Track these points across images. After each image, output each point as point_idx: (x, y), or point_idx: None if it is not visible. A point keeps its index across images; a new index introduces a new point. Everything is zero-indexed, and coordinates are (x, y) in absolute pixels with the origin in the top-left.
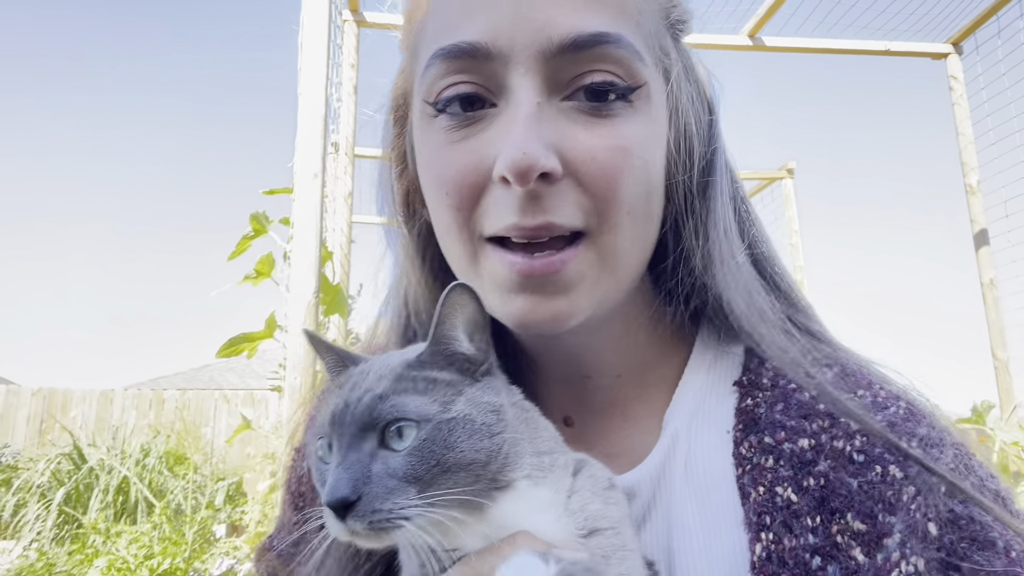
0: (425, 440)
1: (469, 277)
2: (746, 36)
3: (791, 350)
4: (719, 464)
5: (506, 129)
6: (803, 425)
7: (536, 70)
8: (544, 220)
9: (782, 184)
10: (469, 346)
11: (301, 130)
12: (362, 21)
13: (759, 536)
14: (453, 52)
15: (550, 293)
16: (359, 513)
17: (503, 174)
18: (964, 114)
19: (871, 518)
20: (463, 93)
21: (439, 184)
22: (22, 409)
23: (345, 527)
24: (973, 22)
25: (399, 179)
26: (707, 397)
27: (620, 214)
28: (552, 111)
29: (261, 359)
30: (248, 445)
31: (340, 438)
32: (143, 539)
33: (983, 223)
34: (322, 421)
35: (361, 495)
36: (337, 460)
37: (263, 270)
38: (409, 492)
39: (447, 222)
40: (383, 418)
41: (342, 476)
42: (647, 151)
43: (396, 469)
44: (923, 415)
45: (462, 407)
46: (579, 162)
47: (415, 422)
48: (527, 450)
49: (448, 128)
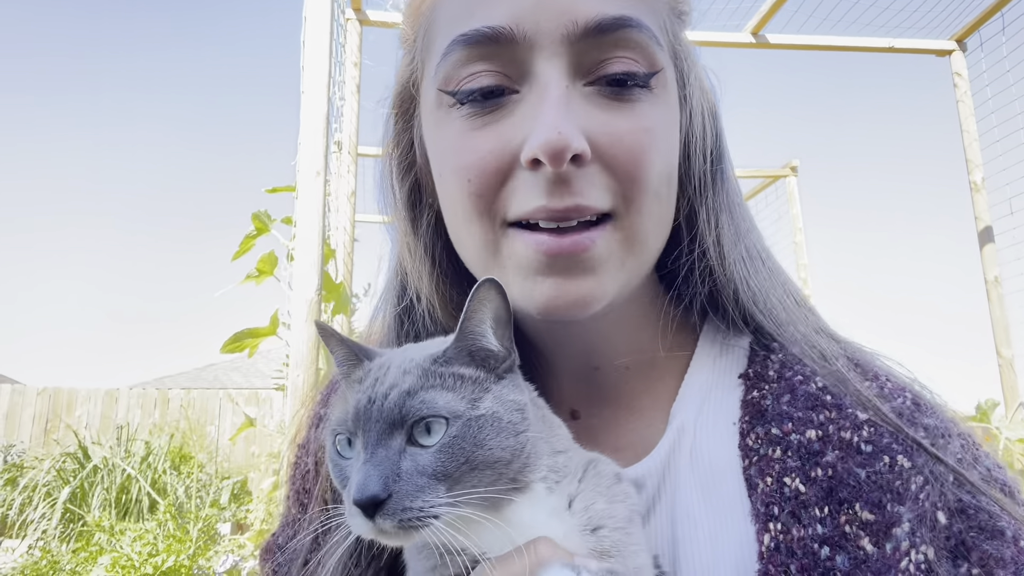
0: (455, 437)
1: (487, 266)
2: (749, 33)
3: (807, 334)
4: (725, 456)
5: (534, 112)
6: (810, 416)
7: (562, 53)
8: (573, 202)
9: (786, 182)
10: (495, 342)
11: (303, 128)
12: (365, 19)
13: (767, 526)
14: (475, 38)
15: (576, 275)
16: (389, 511)
17: (535, 155)
18: (968, 111)
19: (879, 508)
20: (486, 86)
21: (460, 171)
22: (28, 408)
23: (373, 525)
24: (977, 19)
25: (403, 174)
26: (713, 390)
27: (647, 196)
28: (577, 95)
29: (266, 358)
30: (253, 444)
31: (366, 434)
32: (147, 537)
33: (987, 220)
34: (342, 417)
35: (391, 493)
36: (364, 457)
37: (265, 269)
38: (439, 490)
39: (467, 209)
40: (413, 414)
41: (371, 473)
42: (667, 135)
43: (426, 466)
44: (929, 406)
45: (490, 404)
46: (606, 145)
47: (445, 419)
48: (545, 449)
49: (469, 116)
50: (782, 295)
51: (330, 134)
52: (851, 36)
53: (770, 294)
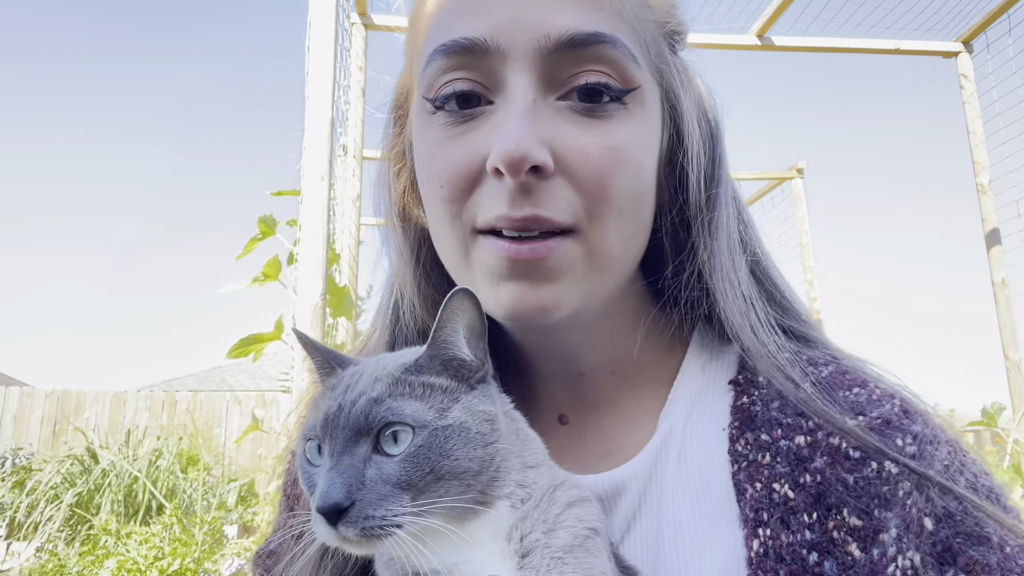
0: (421, 447)
1: (461, 271)
2: (755, 36)
3: (779, 359)
4: (714, 461)
5: (501, 123)
6: (799, 422)
7: (532, 67)
8: (532, 212)
9: (792, 184)
10: (468, 352)
11: (308, 133)
12: (370, 24)
13: (756, 532)
14: (452, 48)
15: (537, 281)
16: (351, 519)
17: (495, 164)
18: (975, 113)
19: (867, 514)
20: (460, 90)
21: (434, 177)
22: (36, 411)
23: (336, 533)
24: (983, 20)
25: (397, 178)
26: (703, 395)
27: (610, 213)
28: (547, 109)
29: (272, 360)
30: (259, 446)
31: (333, 441)
32: (153, 540)
33: (995, 222)
34: (312, 423)
35: (354, 501)
36: (329, 464)
37: (270, 272)
38: (403, 499)
39: (440, 215)
40: (378, 422)
41: (335, 480)
42: (639, 153)
43: (390, 475)
44: (917, 413)
45: (458, 414)
46: (571, 160)
47: (411, 427)
48: (515, 463)
49: (445, 124)
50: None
51: (335, 138)
52: (857, 38)
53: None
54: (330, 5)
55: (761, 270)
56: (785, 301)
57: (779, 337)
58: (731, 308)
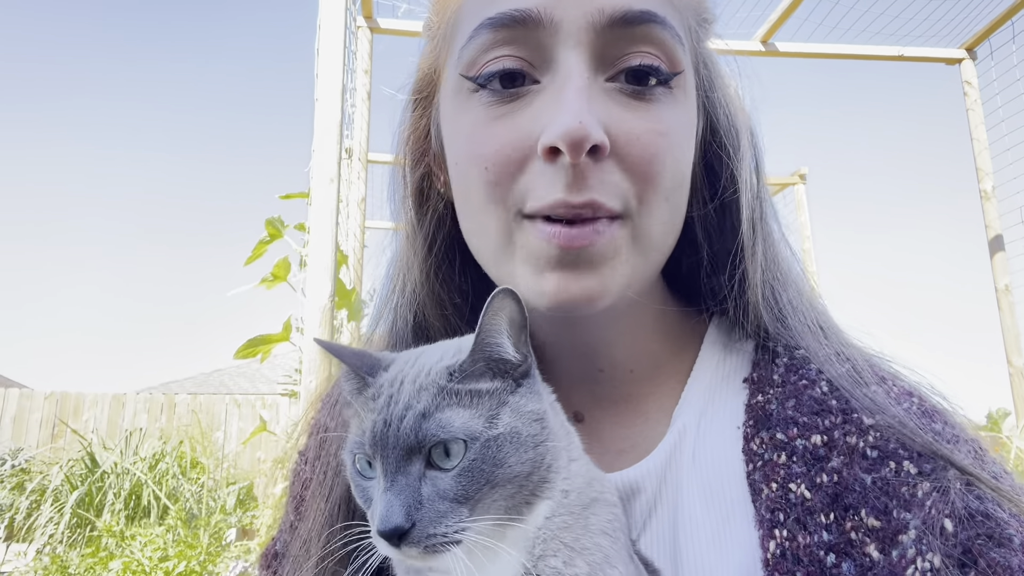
0: (474, 460)
1: (499, 257)
2: (759, 42)
3: (819, 340)
4: (728, 460)
5: (554, 101)
6: (815, 421)
7: (586, 43)
8: (590, 197)
9: (795, 190)
10: (512, 351)
11: (317, 135)
12: (375, 27)
13: (772, 533)
14: (503, 20)
15: (583, 270)
16: (414, 540)
17: (555, 143)
18: (978, 119)
19: (886, 514)
20: (508, 68)
21: (477, 159)
22: (35, 412)
23: (399, 552)
24: (987, 27)
25: (416, 161)
26: (717, 393)
27: (658, 199)
28: (598, 89)
29: (272, 364)
30: (258, 449)
31: (385, 460)
32: (158, 542)
33: (998, 228)
34: (359, 440)
35: (415, 522)
36: (385, 485)
37: (279, 274)
38: (461, 512)
39: (481, 198)
40: (429, 439)
41: (393, 503)
42: (683, 139)
43: (447, 491)
44: (937, 411)
45: (508, 420)
46: (623, 143)
47: (463, 440)
48: (563, 460)
49: (489, 103)
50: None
51: (343, 141)
52: (860, 44)
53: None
54: (339, 8)
55: (800, 264)
56: (810, 292)
57: (820, 331)
58: (764, 291)
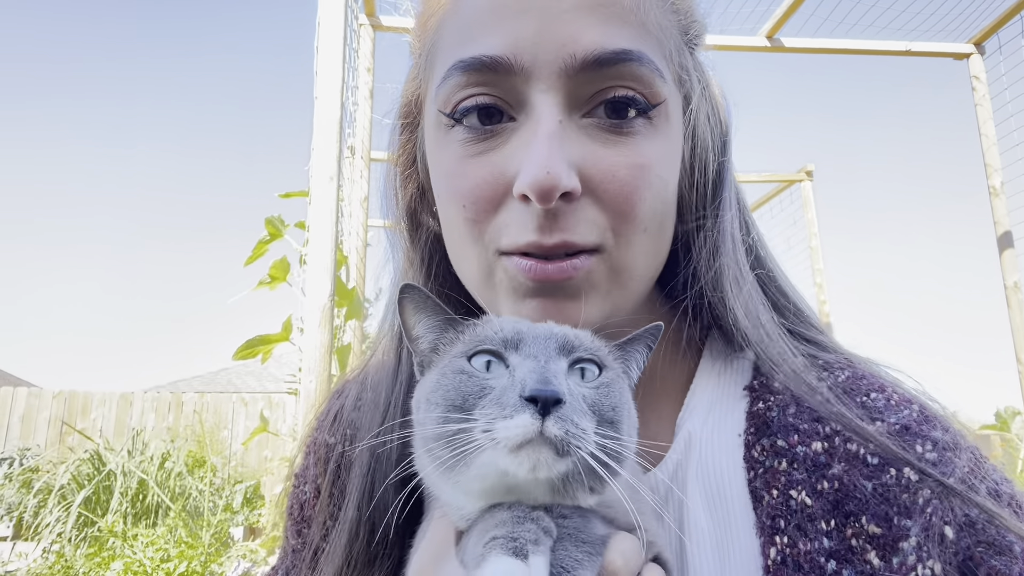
0: (608, 384)
1: (482, 289)
2: (764, 37)
3: (794, 363)
4: (730, 467)
5: (526, 145)
6: (816, 428)
7: (558, 87)
8: (562, 239)
9: (801, 186)
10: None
11: (317, 133)
12: (378, 25)
13: (773, 540)
14: (474, 65)
15: (561, 299)
16: (564, 415)
17: (525, 192)
18: (987, 115)
19: (886, 521)
20: (482, 104)
21: (456, 197)
22: (43, 411)
23: (539, 426)
24: (995, 22)
25: (405, 184)
26: (718, 401)
27: (636, 231)
28: (573, 128)
29: (279, 362)
30: (265, 448)
31: (532, 347)
32: (159, 542)
33: (1007, 225)
34: (490, 336)
35: (566, 402)
36: (531, 364)
37: (278, 274)
38: (593, 424)
39: (462, 234)
40: (582, 347)
41: (555, 372)
42: (664, 169)
43: (586, 396)
44: (937, 418)
45: (625, 382)
46: (598, 180)
47: (598, 367)
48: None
49: (465, 141)
50: (770, 327)
51: (343, 139)
52: (867, 39)
53: (758, 327)
54: (339, 6)
55: (767, 275)
56: (793, 305)
57: (791, 342)
58: (740, 314)
